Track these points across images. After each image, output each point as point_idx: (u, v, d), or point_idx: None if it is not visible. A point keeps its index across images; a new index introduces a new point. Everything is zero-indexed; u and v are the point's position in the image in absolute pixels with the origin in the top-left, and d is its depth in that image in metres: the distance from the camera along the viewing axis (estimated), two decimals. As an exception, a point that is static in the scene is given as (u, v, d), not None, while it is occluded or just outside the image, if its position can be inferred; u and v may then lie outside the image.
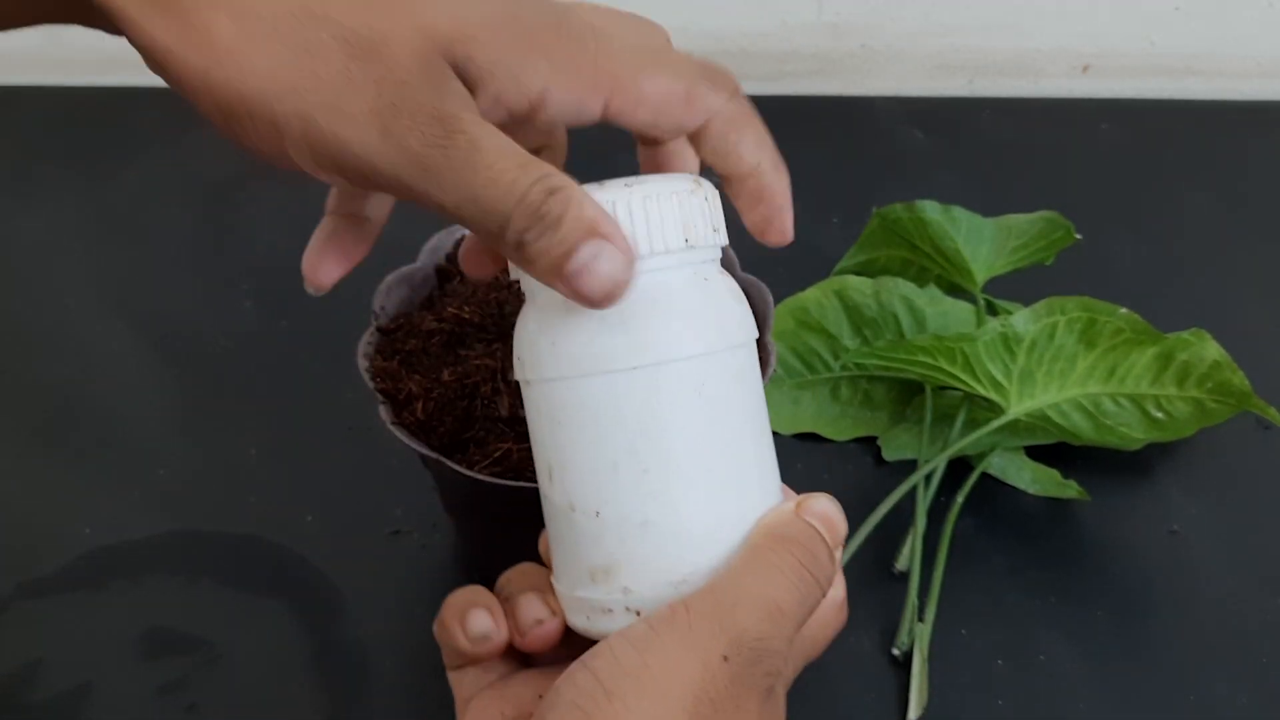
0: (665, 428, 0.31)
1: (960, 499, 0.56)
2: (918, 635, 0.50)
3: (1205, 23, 0.93)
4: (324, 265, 0.37)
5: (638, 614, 0.32)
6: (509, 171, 0.28)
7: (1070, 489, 0.57)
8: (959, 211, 0.63)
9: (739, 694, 0.29)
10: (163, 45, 0.28)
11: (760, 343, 0.49)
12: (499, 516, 0.49)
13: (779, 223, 0.34)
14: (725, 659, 0.29)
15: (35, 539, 0.56)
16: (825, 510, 0.33)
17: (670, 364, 0.31)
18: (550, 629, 0.34)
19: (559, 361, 0.32)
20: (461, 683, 0.36)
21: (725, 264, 0.53)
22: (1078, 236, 0.63)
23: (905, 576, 0.53)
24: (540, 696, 0.31)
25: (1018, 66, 0.96)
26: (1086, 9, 0.93)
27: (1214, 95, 0.95)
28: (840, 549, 0.33)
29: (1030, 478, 0.59)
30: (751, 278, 0.52)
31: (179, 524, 0.57)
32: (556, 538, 0.34)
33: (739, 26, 0.93)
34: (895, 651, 0.50)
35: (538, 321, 0.33)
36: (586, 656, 0.30)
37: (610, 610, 0.32)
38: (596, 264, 0.29)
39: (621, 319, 0.31)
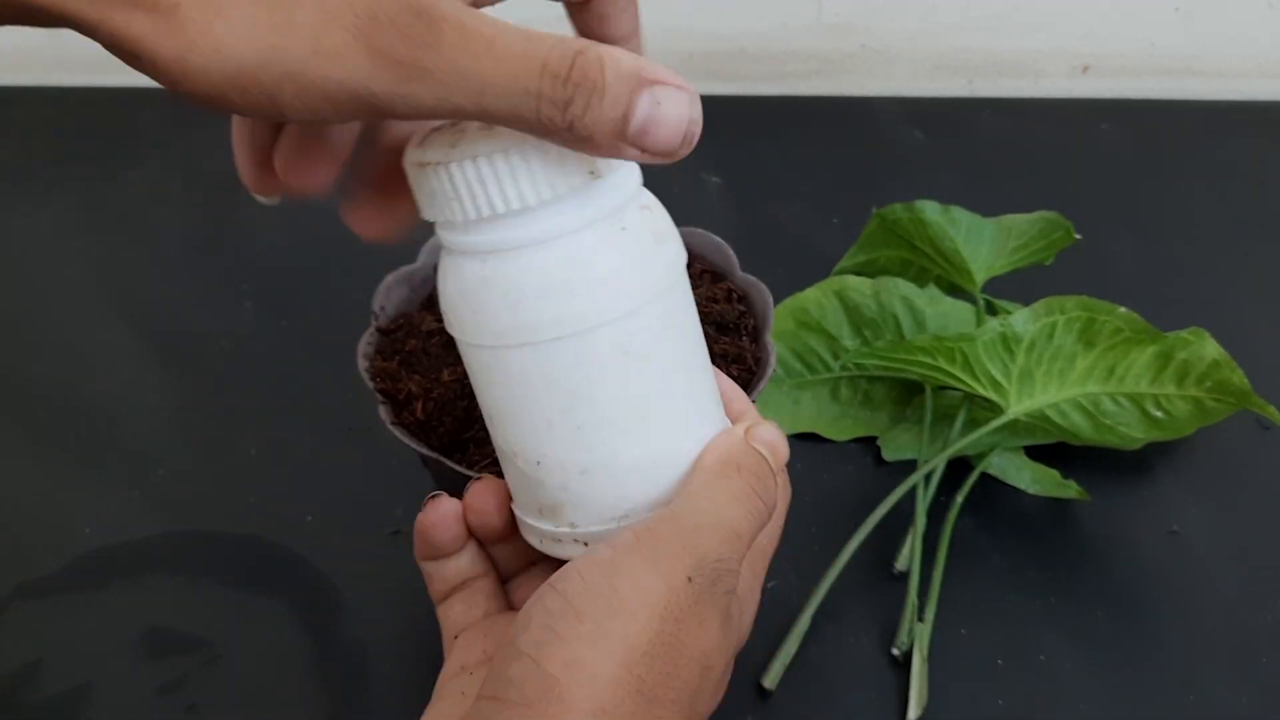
0: (594, 389, 0.32)
1: (960, 499, 0.56)
2: (917, 635, 0.50)
3: (1205, 23, 0.93)
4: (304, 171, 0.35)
5: (584, 545, 0.34)
6: (515, 46, 0.26)
7: (1070, 489, 0.57)
8: (958, 212, 0.63)
9: (702, 610, 0.31)
10: (132, 38, 0.26)
11: (760, 343, 0.49)
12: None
13: None
14: (689, 580, 0.30)
15: (35, 539, 0.56)
16: (771, 437, 0.35)
17: (594, 330, 0.31)
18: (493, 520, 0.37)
19: (482, 331, 0.32)
20: (449, 616, 0.37)
21: (724, 264, 0.53)
22: (1077, 237, 0.63)
23: (905, 576, 0.53)
24: None
25: (1018, 66, 0.96)
26: (1086, 9, 0.93)
27: (1214, 95, 0.95)
28: (784, 472, 0.35)
29: (1030, 478, 0.59)
30: (751, 278, 0.52)
31: (179, 524, 0.57)
32: (508, 474, 0.35)
33: (739, 26, 0.93)
34: (895, 651, 0.50)
35: (456, 283, 0.32)
36: (555, 579, 0.31)
37: (560, 540, 0.34)
38: (661, 113, 0.27)
39: (538, 291, 0.30)
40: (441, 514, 0.36)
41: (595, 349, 0.31)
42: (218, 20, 0.25)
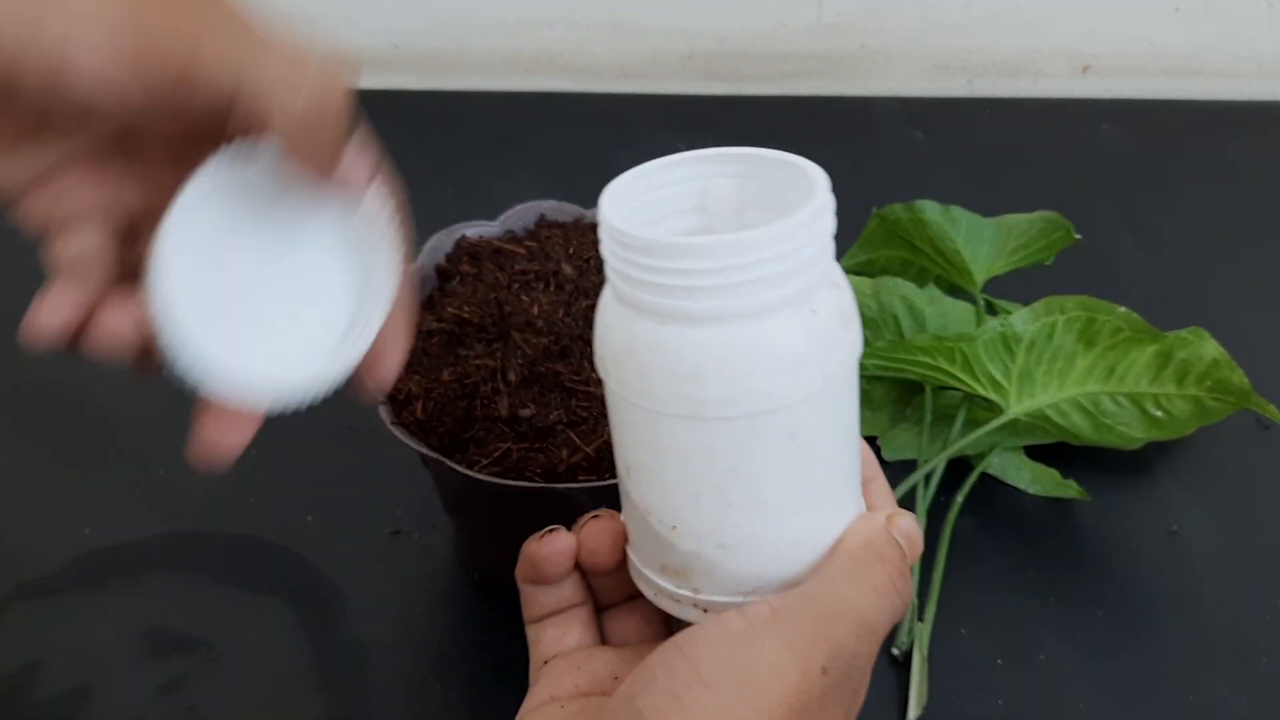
0: (753, 470, 0.30)
1: (960, 499, 0.56)
2: (917, 635, 0.50)
3: (1205, 23, 0.93)
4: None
5: (704, 610, 0.32)
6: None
7: (1070, 489, 0.57)
8: (958, 212, 0.63)
9: (828, 706, 0.29)
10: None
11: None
12: (499, 516, 0.49)
13: None
14: (824, 670, 0.29)
15: (35, 539, 0.56)
16: (910, 529, 0.34)
17: (766, 414, 0.29)
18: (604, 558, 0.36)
19: (643, 393, 0.30)
20: (540, 639, 0.37)
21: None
22: (1077, 237, 0.63)
23: (905, 576, 0.53)
24: (616, 678, 0.32)
25: (1018, 66, 0.96)
26: (1086, 9, 0.93)
27: (1214, 95, 0.95)
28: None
29: (1030, 477, 0.59)
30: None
31: (179, 524, 0.57)
32: (631, 522, 0.34)
33: (739, 26, 0.93)
34: (895, 651, 0.50)
35: (625, 336, 0.30)
36: (683, 643, 0.30)
37: (679, 601, 0.33)
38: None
39: (717, 369, 0.29)
40: (557, 549, 0.35)
41: (763, 433, 0.30)
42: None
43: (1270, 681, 0.50)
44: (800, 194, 0.30)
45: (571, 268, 0.52)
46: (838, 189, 0.30)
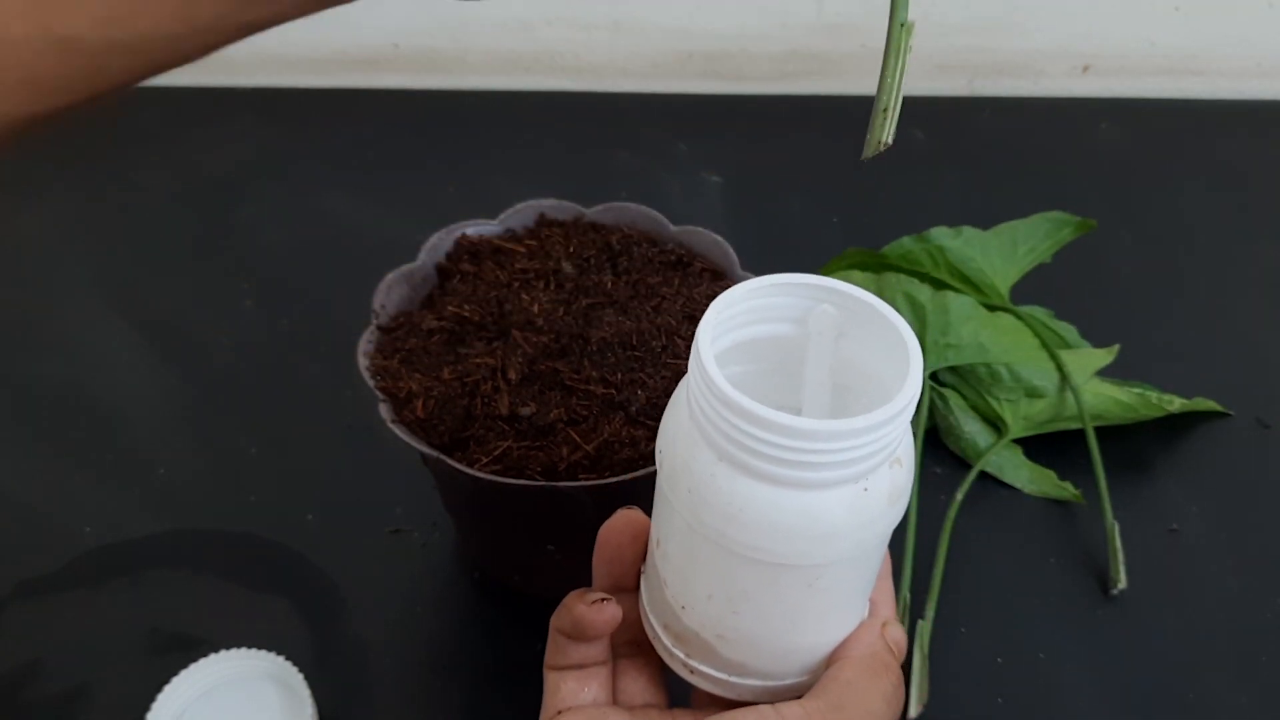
0: (764, 600, 0.32)
1: (959, 497, 0.56)
2: (917, 634, 0.50)
3: (1205, 23, 0.93)
4: None
5: (691, 673, 0.35)
6: None
7: (1066, 490, 0.57)
8: (969, 231, 0.63)
9: None
10: None
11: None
12: (499, 515, 0.49)
13: None
14: None
15: (35, 538, 0.56)
16: (901, 639, 0.36)
17: (790, 568, 0.31)
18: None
19: (688, 510, 0.31)
20: (558, 689, 0.37)
21: (724, 263, 0.53)
22: (1093, 224, 0.63)
23: (904, 575, 0.53)
24: None
25: (1018, 66, 0.96)
26: (1086, 9, 0.93)
27: (1214, 95, 0.95)
28: None
29: (1028, 477, 0.59)
30: (751, 276, 0.52)
31: (179, 524, 0.57)
32: (650, 574, 0.36)
33: (739, 26, 0.93)
34: None
35: (685, 449, 0.31)
36: None
37: (672, 658, 0.35)
38: None
39: (754, 520, 0.29)
40: (604, 618, 0.36)
41: (783, 578, 0.31)
42: None
43: (1270, 681, 0.50)
44: (892, 356, 0.30)
45: (572, 266, 0.52)
46: (838, 189, 0.30)
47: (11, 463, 0.60)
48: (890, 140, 0.29)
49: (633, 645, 0.38)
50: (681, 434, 0.31)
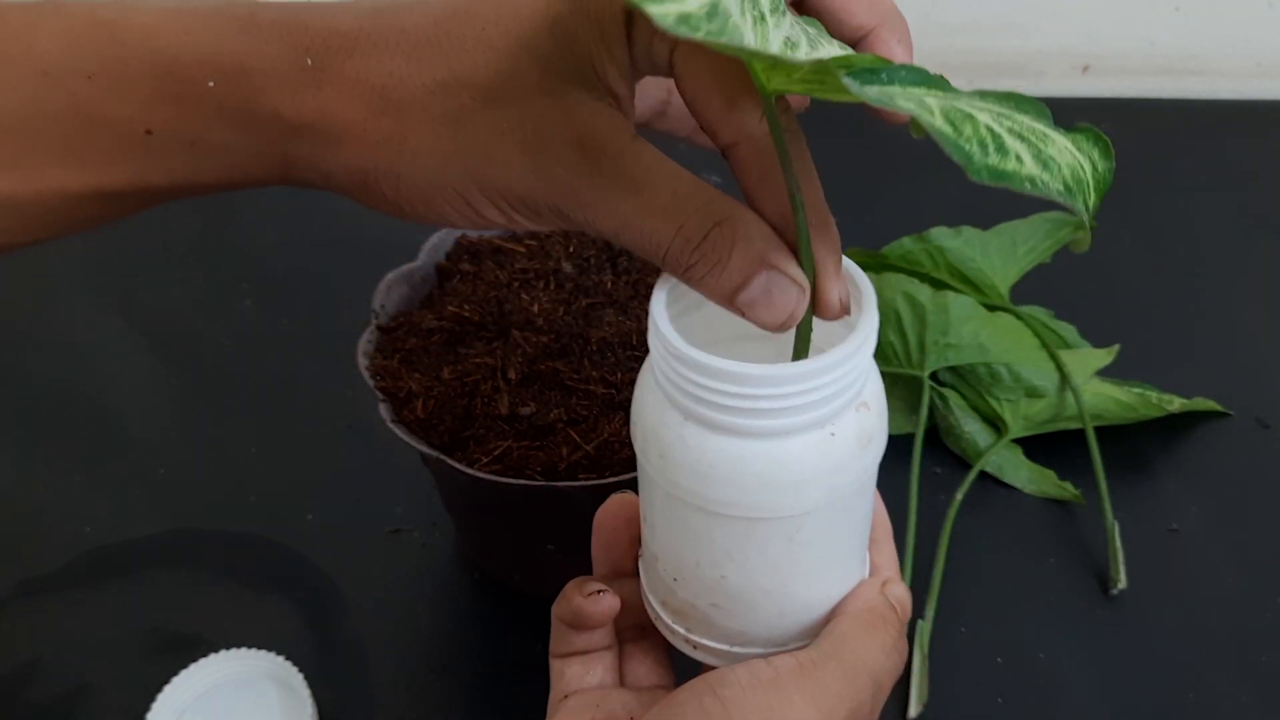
0: (749, 560, 0.32)
1: (959, 497, 0.56)
2: (918, 633, 0.50)
3: (1205, 23, 0.93)
4: None
5: (694, 647, 0.35)
6: (660, 198, 0.28)
7: (1066, 490, 0.57)
8: (969, 231, 0.63)
9: None
10: (361, 169, 0.29)
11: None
12: (499, 514, 0.49)
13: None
14: None
15: (35, 538, 0.56)
16: (903, 596, 0.36)
17: (765, 521, 0.31)
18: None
19: (661, 475, 0.31)
20: (563, 674, 0.37)
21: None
22: (1094, 224, 0.63)
23: (904, 575, 0.53)
24: (632, 718, 0.34)
25: (1018, 66, 0.96)
26: (1086, 9, 0.93)
27: (1214, 95, 0.95)
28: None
29: (1027, 477, 0.59)
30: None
31: (179, 523, 0.57)
32: (646, 552, 0.36)
33: (739, 27, 0.93)
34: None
35: (654, 415, 0.31)
36: (715, 683, 0.31)
37: (673, 634, 0.35)
38: (769, 299, 0.28)
39: (727, 474, 0.30)
40: (601, 608, 0.36)
41: (763, 532, 0.31)
42: (416, 139, 0.28)
43: (1270, 680, 0.50)
44: (855, 305, 0.30)
45: (571, 266, 0.52)
46: (838, 189, 0.30)
47: (11, 463, 0.60)
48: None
49: (637, 629, 0.38)
50: (649, 401, 0.31)
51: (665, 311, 0.30)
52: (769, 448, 0.29)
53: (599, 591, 0.36)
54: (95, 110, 0.28)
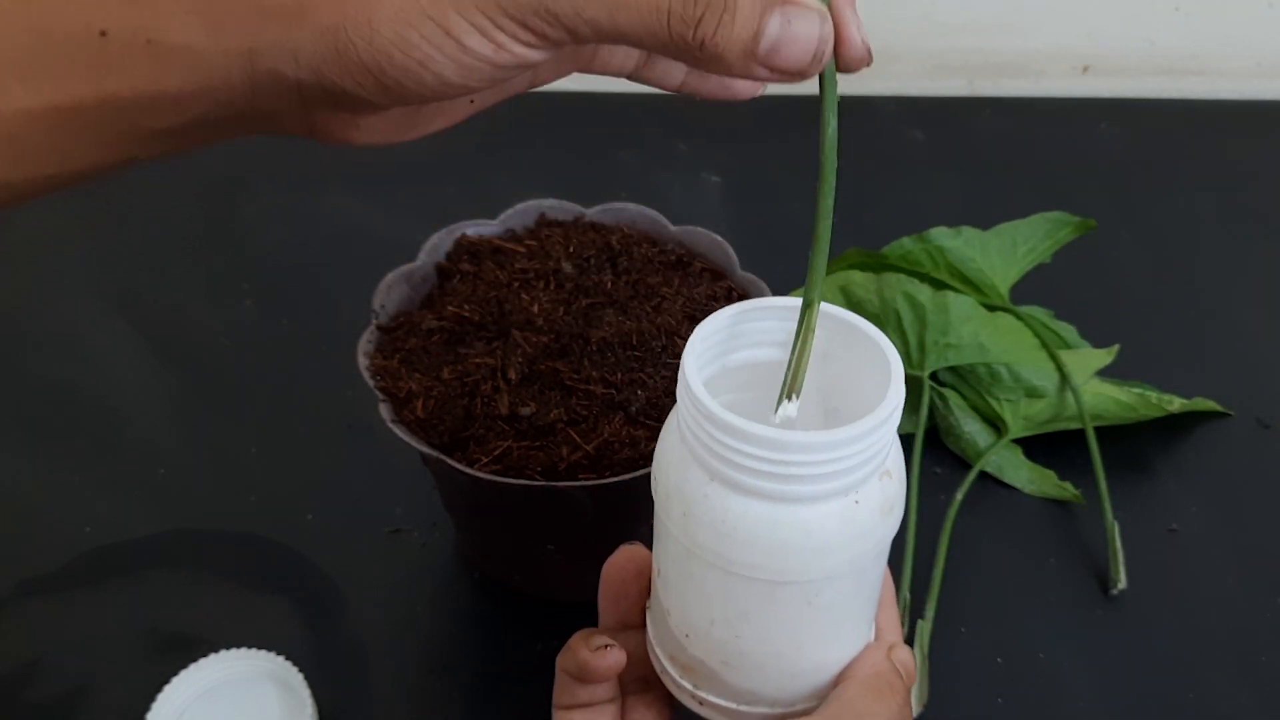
0: (765, 620, 0.32)
1: (959, 497, 0.56)
2: (918, 634, 0.50)
3: (1205, 23, 0.93)
4: None
5: (700, 704, 0.35)
6: None
7: (1066, 490, 0.57)
8: (968, 231, 0.63)
9: None
10: (332, 26, 0.27)
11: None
12: (499, 514, 0.49)
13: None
14: None
15: (36, 537, 0.56)
16: (908, 661, 0.35)
17: (786, 584, 0.31)
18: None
19: (682, 531, 0.31)
20: None
21: (724, 262, 0.53)
22: (1093, 224, 0.63)
23: (904, 575, 0.53)
24: None
25: (1018, 66, 0.96)
26: (1086, 9, 0.93)
27: (1214, 95, 0.95)
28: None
29: (1028, 477, 0.59)
30: (751, 276, 0.52)
31: (179, 523, 0.57)
32: (655, 605, 0.36)
33: (739, 26, 0.93)
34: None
35: (677, 475, 0.31)
36: None
37: (680, 690, 0.35)
38: (791, 31, 0.26)
39: (749, 537, 0.30)
40: (608, 663, 0.36)
41: (781, 596, 0.31)
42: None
43: (1270, 680, 0.50)
44: (876, 371, 0.30)
45: (571, 266, 0.52)
46: (838, 189, 0.30)
47: (11, 463, 0.60)
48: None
49: (641, 682, 0.38)
50: (673, 458, 0.31)
51: (698, 370, 0.30)
52: (794, 513, 0.29)
53: (606, 646, 0.35)
54: (49, 20, 0.27)
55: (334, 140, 0.32)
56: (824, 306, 0.32)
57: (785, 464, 0.28)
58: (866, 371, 0.31)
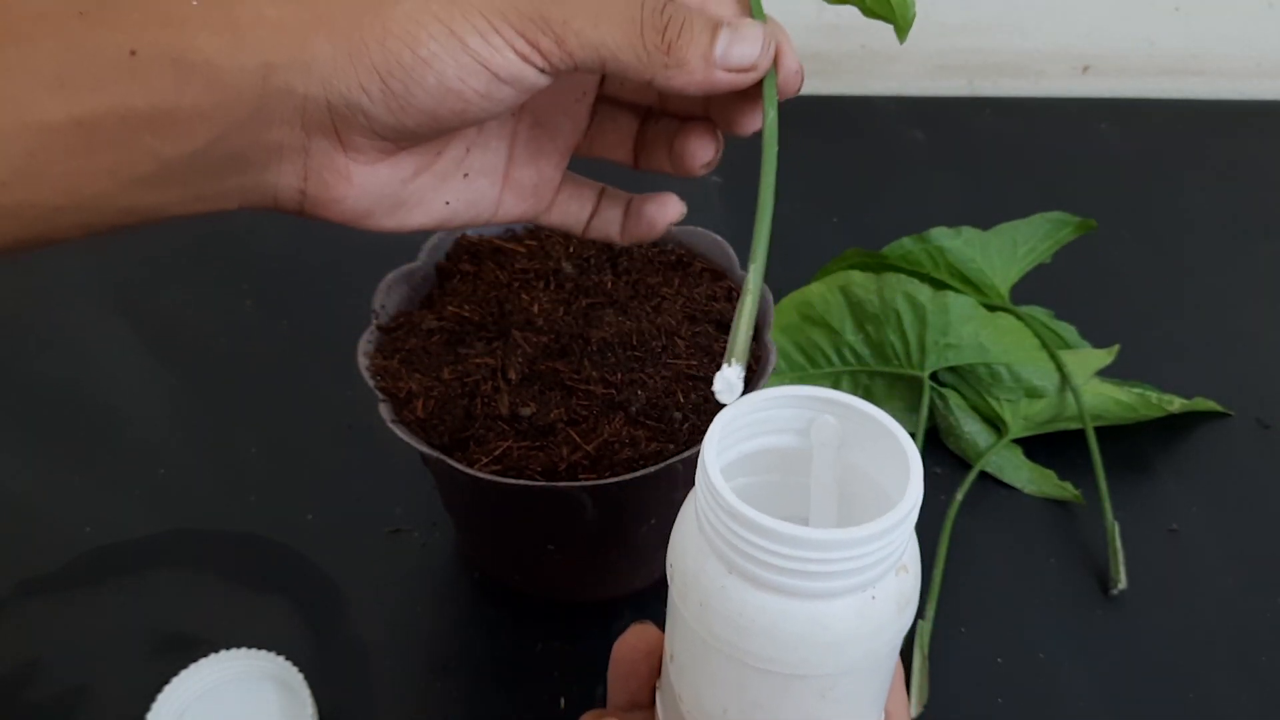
0: (780, 713, 0.32)
1: (959, 497, 0.56)
2: (918, 633, 0.50)
3: (1205, 23, 0.93)
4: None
5: None
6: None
7: (1066, 490, 0.57)
8: (968, 231, 0.63)
9: None
10: (348, 33, 0.30)
11: (760, 341, 0.49)
12: (499, 515, 0.49)
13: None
14: None
15: (36, 538, 0.56)
16: None
17: (801, 678, 0.31)
18: None
19: (699, 620, 0.31)
20: None
21: (724, 262, 0.53)
22: (1094, 224, 0.63)
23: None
24: None
25: (1018, 66, 0.96)
26: (1086, 9, 0.93)
27: (1214, 95, 0.95)
28: None
29: (1028, 477, 0.59)
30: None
31: (179, 523, 0.57)
32: (665, 689, 0.36)
33: (739, 26, 0.93)
34: None
35: (695, 562, 0.31)
36: None
37: None
38: (742, 38, 0.32)
39: (766, 631, 0.30)
40: None
41: (796, 689, 0.31)
42: (392, 29, 0.30)
43: (1270, 680, 0.50)
44: (894, 464, 0.31)
45: (572, 266, 0.52)
46: (838, 189, 0.30)
47: (11, 463, 0.60)
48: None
49: None
50: (691, 547, 0.32)
51: (718, 460, 0.30)
52: (811, 608, 0.30)
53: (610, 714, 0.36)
54: (82, 36, 0.29)
55: (326, 199, 0.33)
56: (845, 397, 0.32)
57: (804, 560, 0.29)
58: (884, 463, 0.32)
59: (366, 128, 0.31)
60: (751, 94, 0.36)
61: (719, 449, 0.31)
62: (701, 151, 0.38)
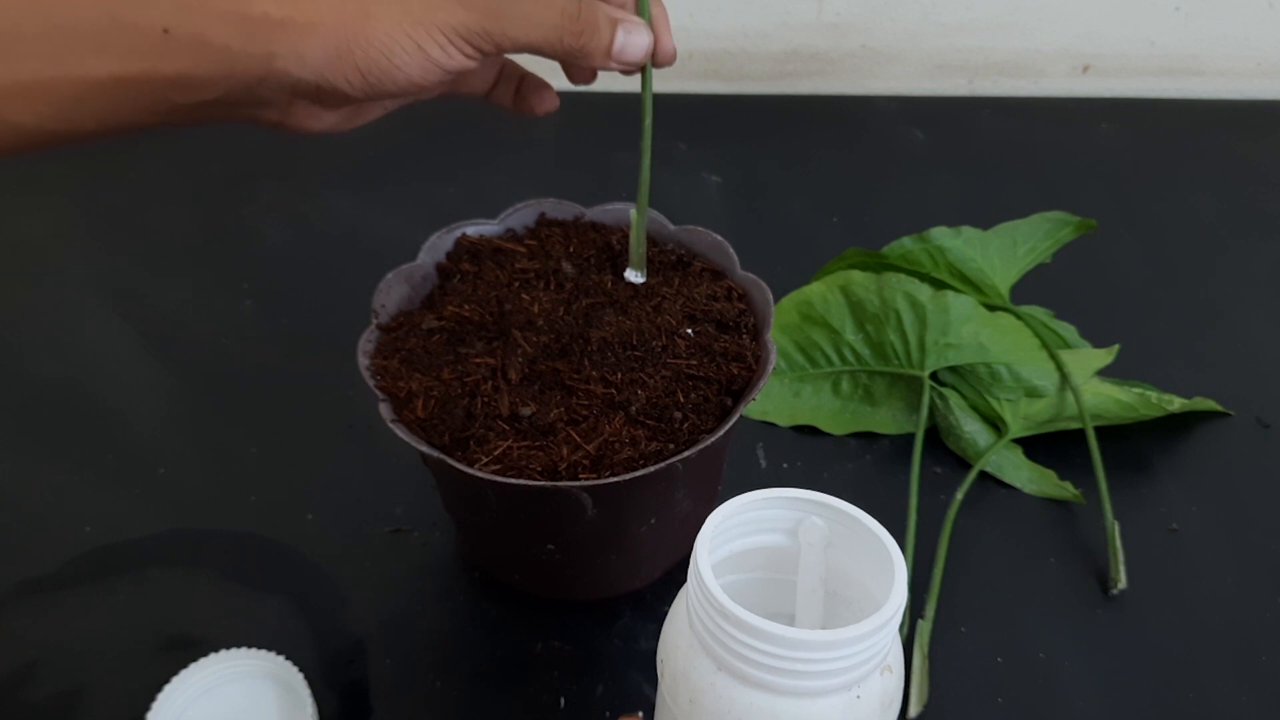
0: None
1: (959, 497, 0.56)
2: (918, 633, 0.50)
3: (1205, 23, 0.93)
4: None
5: None
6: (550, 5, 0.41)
7: (1067, 490, 0.57)
8: (968, 231, 0.63)
9: None
10: (337, 40, 0.38)
11: (760, 341, 0.49)
12: (499, 514, 0.49)
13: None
14: None
15: (36, 538, 0.56)
16: None
17: None
18: None
19: (689, 717, 0.32)
20: None
21: (724, 262, 0.53)
22: (1093, 224, 0.63)
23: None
24: None
25: (1018, 66, 0.96)
26: (1086, 9, 0.93)
27: (1214, 95, 0.95)
28: None
29: (1027, 477, 0.59)
30: (751, 276, 0.52)
31: (179, 523, 0.57)
32: None
33: (739, 26, 0.93)
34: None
35: (685, 658, 0.32)
36: None
37: None
38: (633, 39, 0.43)
39: None
40: None
41: None
42: (371, 9, 0.38)
43: (1270, 680, 0.50)
44: (878, 565, 0.32)
45: (572, 266, 0.52)
46: (838, 188, 0.30)
47: (11, 463, 0.60)
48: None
49: None
50: (681, 643, 0.33)
51: (709, 559, 0.31)
52: (798, 706, 0.30)
53: None
54: (123, 11, 0.36)
55: (296, 128, 0.42)
56: (833, 501, 0.34)
57: (792, 659, 0.29)
58: (869, 565, 0.32)
59: (343, 101, 0.40)
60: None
61: (711, 547, 0.32)
62: (548, 102, 0.50)
